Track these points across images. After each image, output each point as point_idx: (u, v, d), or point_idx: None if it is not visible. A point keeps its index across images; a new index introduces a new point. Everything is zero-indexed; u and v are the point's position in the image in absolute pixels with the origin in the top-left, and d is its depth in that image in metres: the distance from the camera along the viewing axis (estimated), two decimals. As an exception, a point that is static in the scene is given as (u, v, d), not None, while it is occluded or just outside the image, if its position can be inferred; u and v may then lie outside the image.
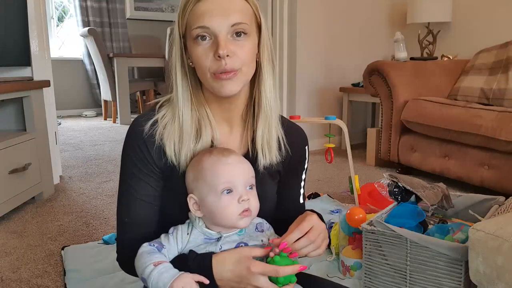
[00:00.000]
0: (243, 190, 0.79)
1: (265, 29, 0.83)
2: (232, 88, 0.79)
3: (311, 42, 3.36)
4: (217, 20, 0.75)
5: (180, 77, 0.83)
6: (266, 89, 0.85)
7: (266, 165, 0.87)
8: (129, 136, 0.85)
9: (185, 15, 0.78)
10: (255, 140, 0.87)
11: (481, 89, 2.61)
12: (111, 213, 2.02)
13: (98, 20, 5.46)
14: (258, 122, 0.86)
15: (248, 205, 0.78)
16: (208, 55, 0.77)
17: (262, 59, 0.83)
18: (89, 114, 5.53)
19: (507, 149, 2.06)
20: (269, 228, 0.86)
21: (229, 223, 0.78)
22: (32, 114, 2.14)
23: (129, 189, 0.85)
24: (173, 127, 0.83)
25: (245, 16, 0.77)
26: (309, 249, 0.77)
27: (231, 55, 0.76)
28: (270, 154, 0.87)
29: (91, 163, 3.00)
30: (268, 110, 0.85)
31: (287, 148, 0.89)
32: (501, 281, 0.90)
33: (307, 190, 2.28)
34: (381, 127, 2.81)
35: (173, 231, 0.81)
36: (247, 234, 0.82)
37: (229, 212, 0.77)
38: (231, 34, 0.76)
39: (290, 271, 0.73)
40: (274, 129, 0.87)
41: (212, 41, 0.77)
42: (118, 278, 1.39)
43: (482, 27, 3.16)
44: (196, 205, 0.80)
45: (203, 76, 0.80)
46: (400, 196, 1.40)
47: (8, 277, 1.45)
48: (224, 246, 0.78)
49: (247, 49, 0.78)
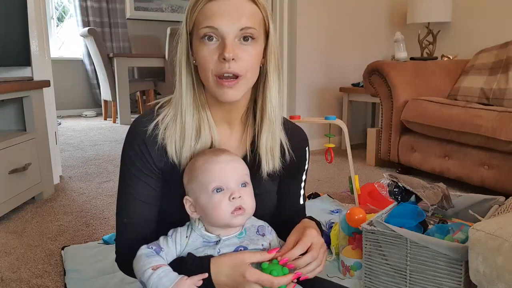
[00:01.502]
0: (235, 188, 0.78)
1: (274, 35, 0.82)
2: (233, 96, 0.78)
3: (311, 42, 3.36)
4: (226, 22, 0.75)
5: (185, 74, 0.82)
6: (271, 96, 0.84)
7: (269, 172, 0.87)
8: (129, 136, 0.85)
9: (194, 12, 0.77)
10: (255, 146, 0.87)
11: (481, 89, 2.61)
12: (111, 213, 2.02)
13: (98, 20, 5.46)
14: (262, 129, 0.85)
15: (241, 202, 0.77)
16: (213, 56, 0.76)
17: (269, 66, 0.83)
18: (89, 114, 5.53)
19: (507, 149, 2.06)
20: (271, 232, 0.85)
21: (222, 222, 0.77)
22: (32, 114, 2.14)
23: (129, 189, 0.85)
24: (175, 126, 0.83)
25: (255, 21, 0.77)
26: (312, 267, 0.77)
27: (236, 59, 0.76)
28: (274, 161, 0.87)
29: (91, 163, 3.00)
30: (272, 117, 0.85)
31: (291, 154, 0.89)
32: (501, 281, 0.90)
33: (307, 190, 2.27)
34: (381, 127, 2.81)
35: (172, 234, 0.80)
36: (247, 237, 0.81)
37: (220, 210, 0.76)
38: (238, 38, 0.76)
39: (285, 281, 0.73)
40: (278, 136, 0.87)
41: (219, 42, 0.76)
42: (118, 278, 1.39)
43: (482, 27, 3.16)
44: (192, 206, 0.80)
45: (205, 77, 0.79)
46: (400, 196, 1.40)
47: (8, 277, 1.45)
48: (222, 250, 0.78)
49: (252, 54, 0.78)
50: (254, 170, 0.85)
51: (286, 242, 0.80)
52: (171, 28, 4.73)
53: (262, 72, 0.84)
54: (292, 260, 0.75)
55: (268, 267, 0.74)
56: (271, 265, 0.74)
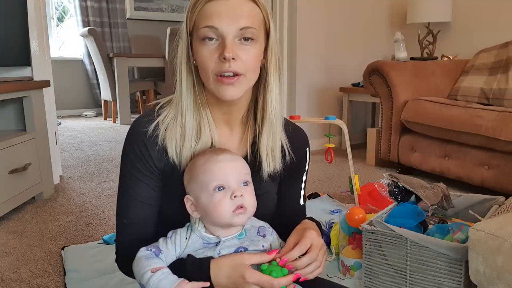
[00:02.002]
0: (236, 186, 0.78)
1: (274, 35, 0.82)
2: (233, 94, 0.78)
3: (311, 42, 3.36)
4: (226, 22, 0.74)
5: (185, 74, 0.82)
6: (272, 97, 0.84)
7: (270, 173, 0.87)
8: (129, 137, 0.85)
9: (194, 12, 0.77)
10: (256, 147, 0.87)
11: (481, 89, 2.61)
12: (111, 213, 2.02)
13: (98, 20, 5.46)
14: (263, 130, 0.85)
15: (242, 201, 0.77)
16: (213, 56, 0.76)
17: (269, 66, 0.83)
18: (89, 114, 5.53)
19: (507, 149, 2.06)
20: (271, 233, 0.85)
21: (224, 221, 0.77)
22: (32, 114, 2.14)
23: (128, 190, 0.85)
24: (175, 126, 0.82)
25: (255, 21, 0.77)
26: (312, 268, 0.77)
27: (236, 58, 0.76)
28: (274, 162, 0.87)
29: (91, 163, 3.00)
30: (273, 118, 0.85)
31: (291, 155, 0.89)
32: (501, 281, 0.90)
33: (307, 190, 2.27)
34: (381, 127, 2.81)
35: (171, 235, 0.80)
36: (247, 238, 0.80)
37: (222, 209, 0.76)
38: (238, 38, 0.76)
39: (284, 282, 0.73)
40: (278, 137, 0.87)
41: (219, 42, 0.76)
42: (118, 278, 1.39)
43: (482, 27, 3.16)
44: (193, 206, 0.80)
45: (205, 77, 0.79)
46: (400, 196, 1.40)
47: (8, 277, 1.45)
48: (223, 251, 0.78)
49: (252, 54, 0.78)
50: (254, 171, 0.85)
51: (286, 243, 0.79)
52: (171, 28, 4.73)
53: (263, 72, 0.84)
54: (291, 261, 0.75)
55: (268, 268, 0.74)
56: (271, 266, 0.74)
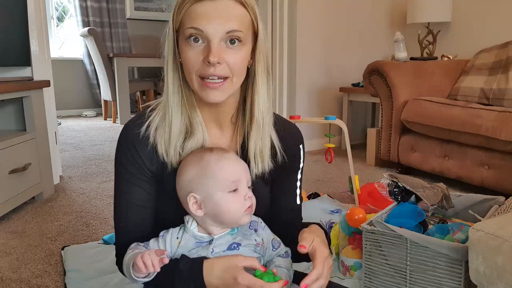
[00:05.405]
0: (246, 187, 0.79)
1: (263, 37, 0.80)
2: (217, 97, 0.78)
3: (311, 42, 3.36)
4: (213, 25, 0.73)
5: (172, 72, 0.81)
6: (259, 99, 0.82)
7: (258, 174, 0.85)
8: (120, 142, 0.85)
9: (181, 12, 0.76)
10: (246, 147, 0.85)
11: (481, 89, 2.61)
12: (111, 213, 2.02)
13: (98, 20, 5.46)
14: (251, 133, 0.84)
15: (252, 201, 0.79)
16: (198, 58, 0.75)
17: (257, 67, 0.81)
18: (89, 114, 5.53)
19: (507, 149, 2.06)
20: (264, 228, 0.85)
21: (234, 220, 0.78)
22: (32, 114, 2.14)
23: (123, 194, 0.85)
24: (164, 123, 0.82)
25: (242, 24, 0.76)
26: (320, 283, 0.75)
27: (222, 62, 0.75)
28: (263, 163, 0.85)
29: (91, 163, 3.00)
30: (260, 120, 0.83)
31: (282, 154, 0.87)
32: (501, 281, 0.90)
33: (307, 190, 2.27)
34: (381, 127, 2.81)
35: (163, 235, 0.81)
36: (240, 233, 0.81)
37: (235, 208, 0.77)
38: (224, 40, 0.75)
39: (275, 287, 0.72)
40: (267, 138, 0.85)
41: (204, 44, 0.75)
42: (118, 278, 1.39)
43: (482, 27, 3.16)
44: (196, 204, 0.79)
45: (189, 78, 0.78)
46: (400, 196, 1.40)
47: (8, 277, 1.45)
48: (216, 249, 0.78)
49: (239, 57, 0.77)
50: None
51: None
52: (170, 28, 4.73)
53: (251, 73, 0.82)
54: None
55: (261, 274, 0.74)
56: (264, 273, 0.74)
